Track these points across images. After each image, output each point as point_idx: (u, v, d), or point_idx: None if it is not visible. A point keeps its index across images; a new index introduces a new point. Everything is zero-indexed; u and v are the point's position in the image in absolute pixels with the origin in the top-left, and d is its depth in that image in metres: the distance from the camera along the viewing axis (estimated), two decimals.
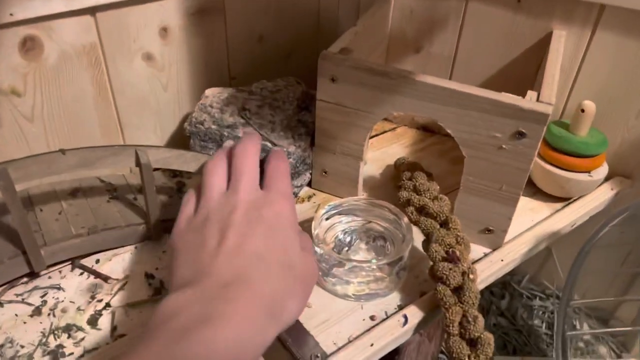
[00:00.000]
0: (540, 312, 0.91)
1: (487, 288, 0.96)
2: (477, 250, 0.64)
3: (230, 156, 0.51)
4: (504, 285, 0.95)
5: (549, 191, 0.71)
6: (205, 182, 0.49)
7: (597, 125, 0.71)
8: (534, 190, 0.73)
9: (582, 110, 0.66)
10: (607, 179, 0.74)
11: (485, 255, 0.63)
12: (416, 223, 0.60)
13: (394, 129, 0.85)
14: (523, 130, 0.54)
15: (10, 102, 0.58)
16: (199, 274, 0.41)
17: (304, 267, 0.46)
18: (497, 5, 0.70)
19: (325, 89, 0.62)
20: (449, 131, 0.58)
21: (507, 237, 0.65)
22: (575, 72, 0.70)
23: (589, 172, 0.68)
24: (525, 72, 0.71)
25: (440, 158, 0.78)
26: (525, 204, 0.71)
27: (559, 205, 0.71)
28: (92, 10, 0.58)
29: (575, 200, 0.71)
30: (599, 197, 0.71)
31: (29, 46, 0.56)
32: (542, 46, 0.69)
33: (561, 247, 0.87)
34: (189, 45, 0.68)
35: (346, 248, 0.59)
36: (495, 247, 0.63)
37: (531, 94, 0.55)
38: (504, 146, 0.56)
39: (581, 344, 0.87)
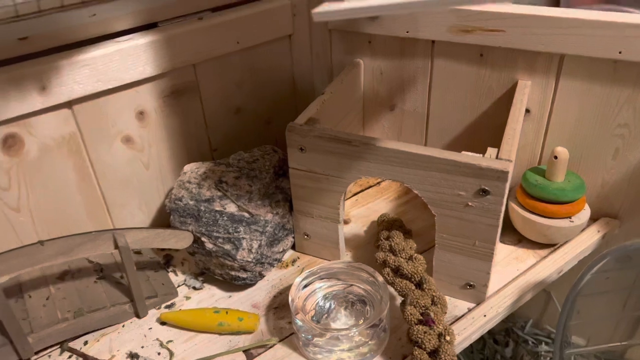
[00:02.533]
0: (548, 359, 0.88)
1: (489, 335, 0.94)
2: (460, 305, 0.63)
3: None
4: (507, 332, 0.93)
5: (532, 238, 0.70)
6: None
7: (576, 169, 0.71)
8: (519, 237, 0.72)
9: (555, 157, 0.66)
10: (594, 220, 0.73)
11: (469, 310, 0.62)
12: (392, 284, 0.60)
13: (378, 183, 0.87)
14: (486, 188, 0.54)
15: None
16: None
17: None
18: (461, 61, 0.71)
19: (295, 158, 0.64)
20: (415, 192, 0.59)
21: (492, 289, 0.65)
22: (547, 119, 0.70)
23: (569, 217, 0.68)
24: (497, 122, 0.72)
25: (424, 211, 0.79)
26: (510, 252, 0.71)
27: (544, 251, 0.70)
28: (68, 104, 0.62)
29: (560, 245, 0.71)
30: (585, 240, 0.71)
31: (10, 143, 0.60)
32: (511, 96, 0.70)
33: (562, 290, 0.85)
34: (167, 124, 0.72)
35: (325, 315, 0.60)
36: (478, 302, 0.63)
37: (491, 151, 0.56)
38: (470, 204, 0.56)
39: None
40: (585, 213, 0.69)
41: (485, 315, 0.61)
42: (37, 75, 0.58)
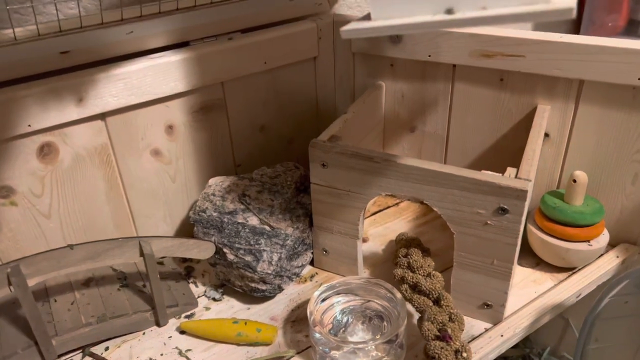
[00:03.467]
0: None
1: None
2: (478, 325, 0.63)
3: None
4: (524, 359, 0.92)
5: (550, 261, 0.71)
6: None
7: (594, 193, 0.72)
8: (537, 260, 0.72)
9: (574, 181, 0.67)
10: (612, 246, 0.73)
11: (486, 330, 0.63)
12: (410, 301, 0.61)
13: (397, 204, 0.88)
14: (505, 206, 0.55)
15: (29, 202, 0.64)
16: None
17: None
18: (482, 84, 0.73)
19: (317, 174, 0.66)
20: (435, 209, 0.60)
21: (510, 310, 0.65)
22: (566, 143, 0.71)
23: (588, 241, 0.68)
24: (516, 146, 0.73)
25: (442, 232, 0.79)
26: (528, 275, 0.71)
27: (562, 275, 0.70)
28: (102, 116, 0.65)
29: (579, 269, 0.71)
30: (604, 265, 0.71)
31: (46, 151, 0.62)
32: (530, 120, 0.71)
33: (580, 317, 0.84)
34: (194, 139, 0.74)
35: (342, 329, 0.60)
36: (495, 322, 0.63)
37: (510, 171, 0.57)
38: (489, 222, 0.57)
39: None
40: (604, 237, 0.69)
41: (502, 335, 0.61)
42: (76, 87, 0.61)
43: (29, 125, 0.60)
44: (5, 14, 0.58)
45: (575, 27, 1.27)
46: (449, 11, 0.42)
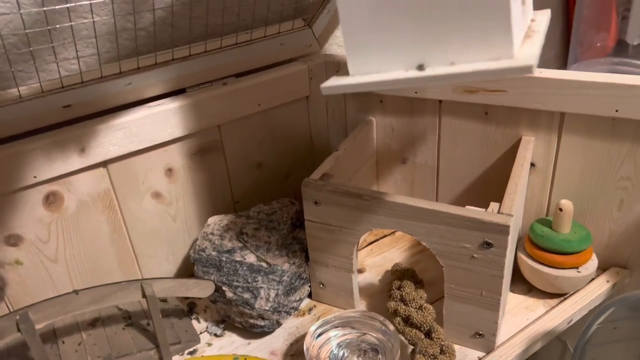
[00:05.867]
0: None
1: None
2: (471, 354, 0.65)
3: None
4: None
5: (541, 288, 0.72)
6: None
7: (582, 220, 0.74)
8: (529, 287, 0.74)
9: (560, 210, 0.69)
10: (603, 270, 0.75)
11: (479, 359, 0.64)
12: (402, 333, 0.63)
13: (393, 233, 0.90)
14: (489, 241, 0.57)
15: (36, 248, 0.67)
16: None
17: None
18: (468, 118, 0.76)
19: (310, 211, 0.68)
20: (424, 243, 0.62)
21: (502, 338, 0.66)
22: (552, 172, 0.73)
23: (576, 267, 0.70)
24: (504, 175, 0.75)
25: (436, 261, 0.81)
26: (521, 302, 0.72)
27: (554, 301, 0.72)
28: (104, 163, 0.68)
29: (570, 295, 0.72)
30: (595, 290, 0.72)
31: (51, 200, 0.66)
32: (516, 151, 0.74)
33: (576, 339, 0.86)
34: (193, 180, 0.77)
35: None
36: (488, 351, 0.65)
37: (493, 206, 0.59)
38: (475, 255, 0.59)
39: None
40: (593, 263, 0.71)
41: None
42: (78, 138, 0.65)
43: (35, 177, 0.63)
44: (10, 74, 0.62)
45: (564, 49, 1.30)
46: (420, 67, 0.45)
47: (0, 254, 0.55)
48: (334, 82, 0.47)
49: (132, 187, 0.72)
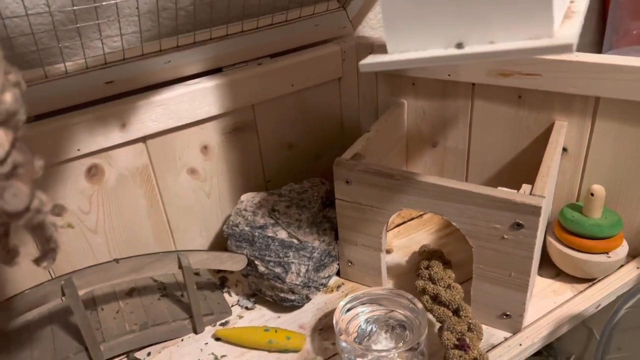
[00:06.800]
0: None
1: None
2: (497, 334, 0.66)
3: None
4: None
5: (570, 272, 0.73)
6: None
7: (614, 206, 0.73)
8: (557, 271, 0.74)
9: (592, 194, 0.69)
10: (633, 257, 0.75)
11: (505, 339, 0.65)
12: (430, 311, 0.64)
13: (420, 216, 0.91)
14: (520, 222, 0.58)
15: (78, 219, 0.70)
16: None
17: None
18: (500, 102, 0.76)
19: (341, 190, 0.70)
20: (454, 224, 0.63)
21: (529, 320, 0.67)
22: (584, 157, 0.73)
23: (606, 253, 0.70)
24: (535, 160, 0.75)
25: (464, 243, 0.81)
26: (548, 285, 0.73)
27: (582, 286, 0.72)
28: (143, 139, 0.70)
29: (599, 280, 0.72)
30: (624, 276, 0.72)
31: (93, 172, 0.68)
32: (548, 136, 0.74)
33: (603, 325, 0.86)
34: (227, 158, 0.79)
35: (367, 338, 0.64)
36: (515, 331, 0.66)
37: (525, 187, 0.60)
38: (505, 236, 0.60)
39: None
40: (623, 249, 0.71)
41: (520, 345, 0.64)
42: (119, 114, 0.67)
43: (78, 150, 0.66)
44: (57, 50, 0.64)
45: (599, 36, 1.28)
46: (459, 45, 0.45)
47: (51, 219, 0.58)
48: (372, 59, 0.48)
49: (169, 163, 0.74)
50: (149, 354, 0.68)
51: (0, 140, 0.31)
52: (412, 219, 0.91)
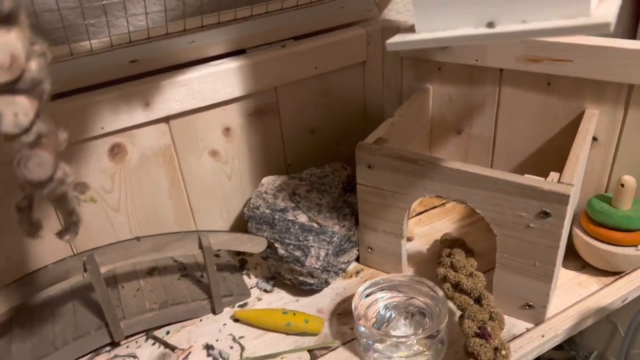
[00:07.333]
0: None
1: None
2: (519, 325, 0.65)
3: None
4: None
5: (596, 265, 0.71)
6: None
7: None
8: (582, 264, 0.73)
9: (622, 185, 0.67)
10: None
11: (527, 330, 0.64)
12: (451, 299, 0.63)
13: (443, 204, 0.89)
14: (547, 210, 0.57)
15: (100, 197, 0.70)
16: None
17: None
18: (529, 88, 0.74)
19: (363, 175, 0.69)
20: (478, 211, 0.62)
21: (552, 312, 0.66)
22: (614, 147, 0.71)
23: (635, 245, 0.68)
24: (563, 150, 0.73)
25: (487, 233, 0.80)
26: (573, 277, 0.71)
27: (608, 279, 0.70)
28: (166, 119, 0.70)
29: (626, 274, 0.70)
30: None
31: (116, 151, 0.69)
32: (577, 124, 0.71)
33: (628, 321, 0.84)
34: (249, 140, 0.79)
35: (385, 324, 0.63)
36: (537, 322, 0.64)
37: (553, 175, 0.58)
38: (531, 225, 0.58)
39: None
40: None
41: (543, 336, 0.63)
42: (143, 93, 0.67)
43: (102, 128, 0.66)
44: (83, 27, 0.65)
45: (633, 25, 1.24)
46: (490, 24, 0.44)
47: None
48: (399, 38, 0.47)
49: (192, 144, 0.74)
50: (167, 332, 0.68)
51: (24, 109, 0.31)
52: (434, 207, 0.89)
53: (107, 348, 0.66)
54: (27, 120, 0.32)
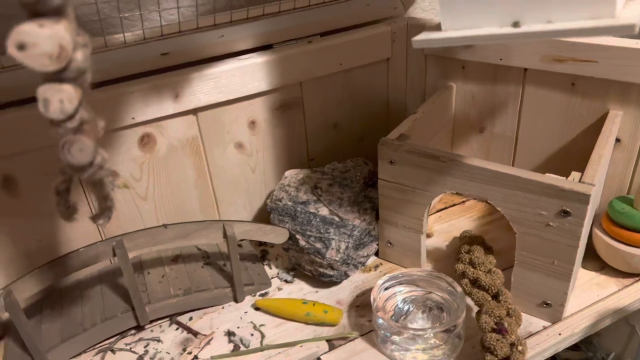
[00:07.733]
0: None
1: None
2: (536, 323, 0.65)
3: None
4: None
5: (616, 266, 0.71)
6: None
7: None
8: (601, 264, 0.73)
9: None
10: None
11: (544, 328, 0.64)
12: (469, 294, 0.64)
13: (463, 202, 0.90)
14: (567, 209, 0.57)
15: (129, 185, 0.72)
16: None
17: None
18: (553, 88, 0.74)
19: (385, 170, 0.70)
20: (498, 209, 0.63)
21: (570, 311, 0.66)
22: (638, 149, 0.71)
23: None
24: (586, 150, 0.73)
25: (506, 232, 0.81)
26: (592, 278, 0.71)
27: (628, 280, 0.70)
28: (194, 111, 0.72)
29: None
30: None
31: (146, 141, 0.71)
32: (601, 125, 0.71)
33: None
34: (273, 134, 0.80)
35: (403, 317, 0.64)
36: (554, 321, 0.65)
37: (575, 175, 0.59)
38: (551, 223, 0.59)
39: None
40: None
41: (560, 334, 0.63)
42: (173, 84, 0.69)
43: (133, 118, 0.68)
44: (117, 20, 0.67)
45: None
46: (516, 24, 0.45)
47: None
48: (425, 35, 0.48)
49: (218, 136, 0.76)
50: (190, 318, 0.70)
51: (70, 96, 0.33)
52: (454, 204, 0.90)
53: (133, 331, 0.69)
54: (71, 107, 0.34)
